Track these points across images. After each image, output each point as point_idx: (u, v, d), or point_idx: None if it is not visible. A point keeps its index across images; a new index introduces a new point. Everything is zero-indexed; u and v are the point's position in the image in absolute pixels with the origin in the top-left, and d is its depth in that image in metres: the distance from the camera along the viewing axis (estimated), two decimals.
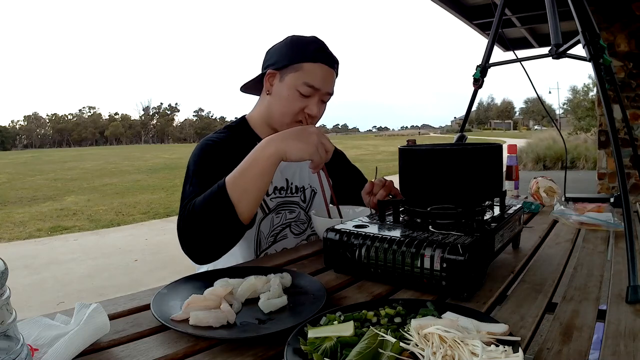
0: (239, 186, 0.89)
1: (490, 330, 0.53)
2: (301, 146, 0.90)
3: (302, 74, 1.10)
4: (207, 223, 0.89)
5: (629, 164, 3.18)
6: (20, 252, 5.18)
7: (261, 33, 37.24)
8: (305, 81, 1.09)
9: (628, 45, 3.60)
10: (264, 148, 0.91)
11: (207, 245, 0.91)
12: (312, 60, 1.10)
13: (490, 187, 0.88)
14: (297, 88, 1.10)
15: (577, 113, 15.46)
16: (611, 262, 0.90)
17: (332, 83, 1.15)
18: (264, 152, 0.91)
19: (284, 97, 1.11)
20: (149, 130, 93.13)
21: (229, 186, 0.89)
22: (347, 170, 1.39)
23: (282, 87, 1.12)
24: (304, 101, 1.11)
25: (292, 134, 0.92)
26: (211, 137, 1.15)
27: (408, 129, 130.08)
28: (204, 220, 0.89)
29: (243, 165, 0.91)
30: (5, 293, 0.42)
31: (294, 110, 1.11)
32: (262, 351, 0.57)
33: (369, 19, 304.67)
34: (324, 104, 1.17)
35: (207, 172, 1.03)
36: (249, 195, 0.90)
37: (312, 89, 1.10)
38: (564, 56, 1.10)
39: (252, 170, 0.90)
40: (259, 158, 0.90)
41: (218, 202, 0.89)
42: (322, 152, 0.92)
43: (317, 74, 1.10)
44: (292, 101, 1.11)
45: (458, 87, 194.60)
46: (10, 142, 79.37)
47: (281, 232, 1.20)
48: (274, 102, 1.14)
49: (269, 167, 0.91)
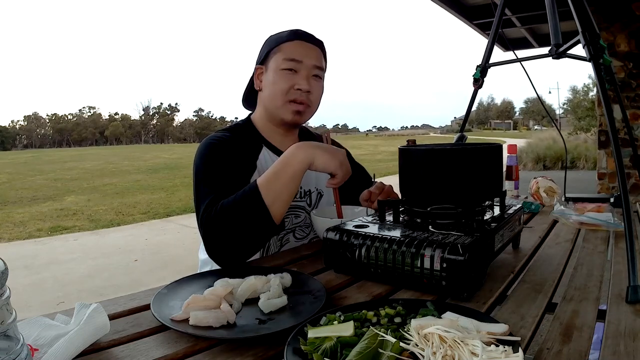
0: (272, 189, 0.91)
1: (490, 330, 0.53)
2: (329, 158, 0.94)
3: (281, 54, 1.12)
4: (239, 225, 0.90)
5: (629, 164, 3.18)
6: (20, 252, 5.18)
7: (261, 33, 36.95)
8: (285, 57, 1.11)
9: (628, 45, 3.60)
10: (296, 153, 0.94)
11: (237, 247, 0.91)
12: (289, 39, 1.13)
13: (490, 187, 0.88)
14: (280, 67, 1.11)
15: (577, 113, 15.46)
16: (611, 262, 0.90)
17: (317, 57, 1.15)
18: (295, 157, 0.94)
19: (271, 81, 1.13)
20: (149, 130, 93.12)
21: (262, 189, 0.91)
22: (352, 169, 1.38)
23: (268, 75, 1.14)
24: (291, 78, 1.12)
25: (321, 145, 0.97)
26: (215, 136, 1.14)
27: (408, 129, 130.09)
28: (236, 222, 0.90)
29: (275, 168, 0.94)
30: (5, 293, 0.42)
31: (283, 89, 1.12)
32: (262, 351, 0.57)
33: (369, 18, 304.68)
34: (316, 80, 1.16)
35: (218, 170, 1.04)
36: (282, 198, 0.93)
37: (295, 62, 1.11)
38: (564, 56, 1.10)
39: (285, 173, 0.93)
40: (291, 162, 0.93)
41: (252, 204, 0.90)
42: (345, 171, 0.97)
43: (296, 48, 1.12)
44: (279, 82, 1.12)
45: (458, 87, 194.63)
46: (10, 142, 79.36)
47: (284, 237, 1.20)
48: (266, 93, 1.16)
49: (300, 172, 0.94)
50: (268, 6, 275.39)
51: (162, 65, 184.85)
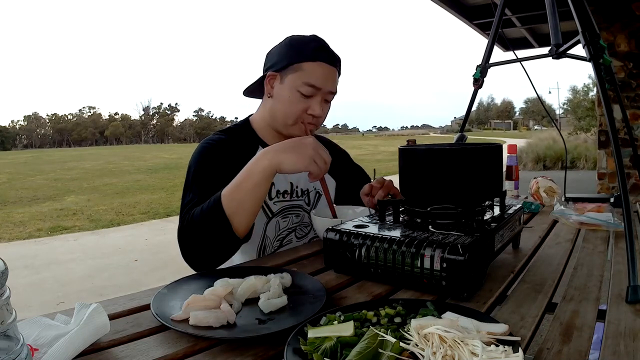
0: (234, 200, 0.90)
1: (490, 330, 0.53)
2: (295, 158, 0.90)
3: (302, 74, 1.08)
4: (204, 235, 0.90)
5: (629, 164, 3.18)
6: (20, 252, 5.18)
7: (262, 33, 36.79)
8: (305, 81, 1.07)
9: (628, 45, 3.60)
10: (258, 161, 0.91)
11: (205, 255, 0.92)
12: (312, 59, 1.08)
13: (490, 187, 0.88)
14: (297, 89, 1.08)
15: (577, 113, 15.46)
16: (611, 262, 0.90)
17: (334, 82, 1.13)
18: (257, 165, 0.90)
19: (285, 99, 1.10)
20: (149, 130, 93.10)
21: (224, 200, 0.90)
22: (351, 170, 1.38)
23: (283, 89, 1.10)
24: (306, 102, 1.10)
25: (287, 147, 0.92)
26: (211, 139, 1.14)
27: (408, 129, 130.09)
28: (201, 232, 0.90)
29: (238, 178, 0.92)
30: (5, 293, 0.42)
31: (297, 112, 1.10)
32: (262, 351, 0.57)
33: (369, 18, 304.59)
34: (327, 104, 1.15)
35: (206, 179, 1.03)
36: (244, 209, 0.90)
37: (314, 89, 1.08)
38: (564, 56, 1.09)
39: (247, 183, 0.90)
40: (253, 171, 0.91)
41: (214, 215, 0.89)
42: (321, 163, 0.91)
43: (317, 73, 1.08)
44: (294, 102, 1.09)
45: (458, 87, 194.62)
46: (10, 142, 79.33)
47: (287, 237, 1.19)
48: (276, 105, 1.13)
49: (263, 180, 0.90)
50: (268, 6, 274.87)
51: (162, 65, 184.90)
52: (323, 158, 0.92)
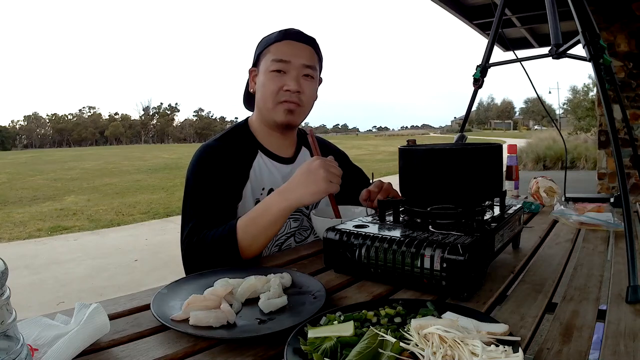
0: (248, 233, 0.92)
1: (490, 330, 0.53)
2: (313, 188, 0.91)
3: (270, 55, 1.11)
4: (213, 258, 0.93)
5: (629, 164, 3.18)
6: (20, 252, 5.18)
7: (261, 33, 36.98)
8: (273, 58, 1.10)
9: (628, 45, 3.60)
10: (278, 201, 0.93)
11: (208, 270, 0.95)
12: (278, 40, 1.12)
13: (490, 187, 0.88)
14: (269, 69, 1.11)
15: (577, 113, 15.46)
16: (611, 262, 0.90)
17: (307, 56, 1.13)
18: (277, 206, 0.93)
19: (261, 84, 1.13)
20: (149, 130, 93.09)
21: (239, 231, 0.92)
22: (350, 171, 1.38)
23: (259, 77, 1.14)
24: (280, 79, 1.10)
25: (300, 181, 0.93)
26: (209, 144, 1.14)
27: (408, 129, 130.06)
28: (210, 256, 0.93)
29: (255, 212, 0.94)
30: (5, 293, 0.42)
31: (272, 90, 1.11)
32: (262, 351, 0.57)
33: (369, 18, 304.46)
34: (308, 79, 1.13)
35: (206, 188, 1.04)
36: (257, 242, 0.94)
37: (283, 62, 1.10)
38: (564, 56, 1.09)
39: (263, 219, 0.93)
40: (271, 209, 0.93)
41: (226, 244, 0.92)
42: (336, 180, 0.93)
43: (284, 48, 1.11)
44: (268, 83, 1.11)
45: (458, 87, 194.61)
46: (10, 142, 79.26)
47: (285, 242, 1.19)
48: (258, 95, 1.16)
49: (281, 218, 0.94)
50: (268, 6, 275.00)
51: (162, 65, 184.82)
52: (336, 174, 0.93)
